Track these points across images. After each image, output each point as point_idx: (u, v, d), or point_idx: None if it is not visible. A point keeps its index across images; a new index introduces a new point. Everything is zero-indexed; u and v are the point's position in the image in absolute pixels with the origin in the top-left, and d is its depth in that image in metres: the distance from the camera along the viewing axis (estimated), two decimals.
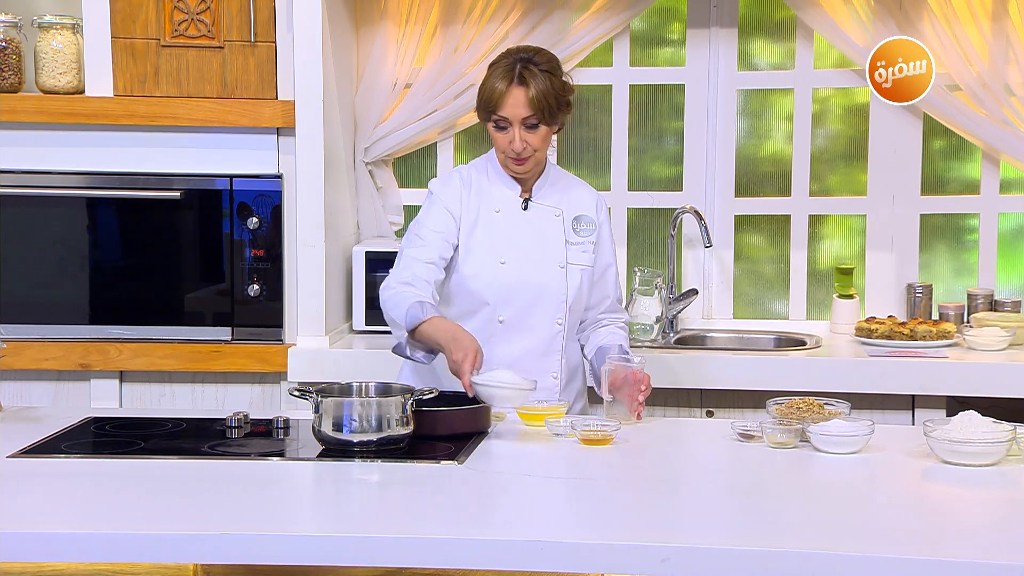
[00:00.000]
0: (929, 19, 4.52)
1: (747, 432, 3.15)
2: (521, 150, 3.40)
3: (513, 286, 3.45)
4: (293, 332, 4.33)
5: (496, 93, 3.37)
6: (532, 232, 3.49)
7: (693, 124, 4.75)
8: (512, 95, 3.36)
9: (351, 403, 3.01)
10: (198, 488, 2.76)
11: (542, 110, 3.37)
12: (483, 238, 3.46)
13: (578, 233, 3.52)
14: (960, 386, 4.10)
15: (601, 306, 3.59)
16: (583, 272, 3.51)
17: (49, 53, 4.33)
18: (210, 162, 4.34)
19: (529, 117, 3.37)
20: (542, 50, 3.46)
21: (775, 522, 2.58)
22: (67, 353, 4.33)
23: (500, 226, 3.47)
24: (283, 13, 4.27)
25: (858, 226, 4.78)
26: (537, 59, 3.40)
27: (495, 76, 3.39)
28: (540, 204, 3.51)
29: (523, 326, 3.47)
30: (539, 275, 3.47)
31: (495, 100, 3.37)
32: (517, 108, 3.37)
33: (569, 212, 3.53)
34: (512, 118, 3.37)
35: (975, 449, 2.90)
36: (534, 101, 3.35)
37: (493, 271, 3.45)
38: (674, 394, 4.16)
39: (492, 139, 3.45)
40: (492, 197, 3.49)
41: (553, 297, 3.47)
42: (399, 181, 4.77)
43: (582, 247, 3.51)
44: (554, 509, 2.72)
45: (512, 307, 3.45)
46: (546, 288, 3.47)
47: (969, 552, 2.38)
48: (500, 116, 3.38)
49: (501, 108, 3.37)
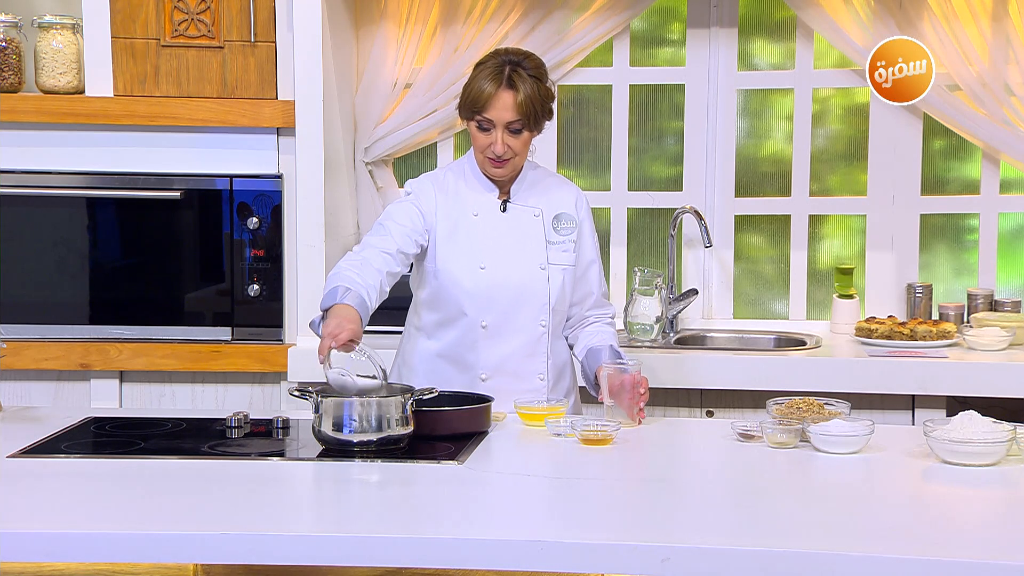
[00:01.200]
0: (929, 19, 4.52)
1: (747, 432, 3.15)
2: (502, 153, 3.37)
3: (494, 290, 3.42)
4: (293, 332, 4.33)
5: (484, 94, 3.34)
6: (511, 234, 3.47)
7: (693, 124, 4.75)
8: (500, 98, 3.34)
9: (351, 403, 3.01)
10: (198, 488, 2.76)
11: (528, 115, 3.35)
12: (462, 243, 3.44)
13: (558, 232, 3.49)
14: (960, 386, 4.10)
15: (586, 303, 3.57)
16: (565, 272, 3.48)
17: (49, 53, 4.33)
18: (210, 162, 4.34)
19: (514, 122, 3.35)
20: (531, 55, 3.43)
21: (775, 522, 2.58)
22: (67, 353, 4.33)
23: (479, 230, 3.45)
24: (283, 13, 4.27)
25: (858, 226, 4.78)
26: (526, 63, 3.38)
27: (483, 76, 3.36)
28: (518, 205, 3.49)
29: (507, 329, 3.45)
30: (520, 277, 3.45)
31: (482, 101, 3.35)
32: (504, 111, 3.34)
33: (549, 211, 3.50)
34: (497, 121, 3.35)
35: (975, 449, 2.90)
36: (521, 106, 3.33)
37: (472, 276, 3.42)
38: (674, 394, 4.16)
39: (472, 138, 3.42)
40: (469, 201, 3.47)
41: (535, 299, 3.44)
42: (399, 181, 4.77)
43: (562, 246, 3.48)
44: (554, 509, 2.72)
45: (494, 311, 3.43)
46: (527, 290, 3.44)
47: (969, 552, 2.38)
48: (485, 117, 3.36)
49: (487, 110, 3.35)
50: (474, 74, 3.40)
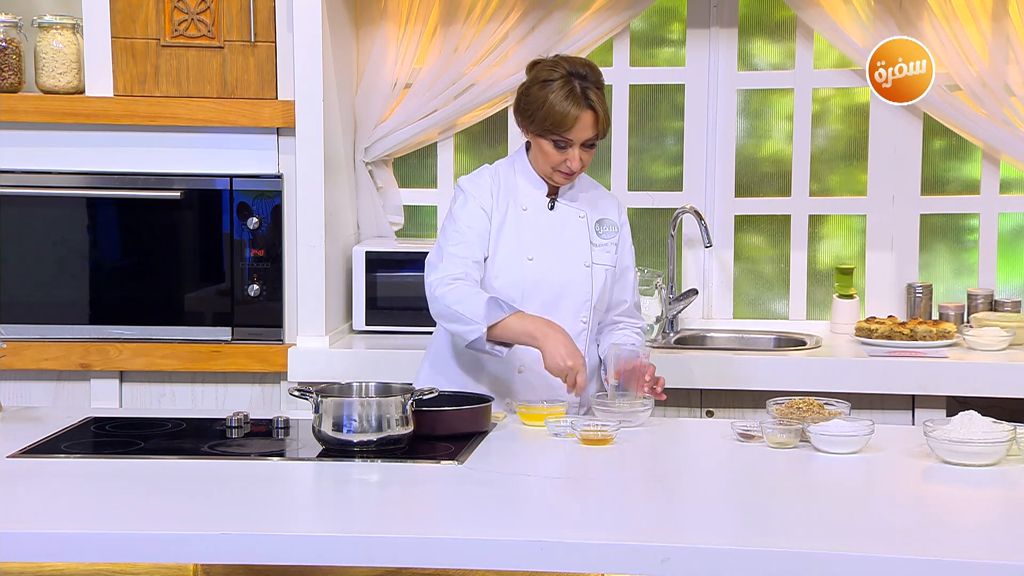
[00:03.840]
0: (929, 19, 4.52)
1: (747, 432, 3.15)
2: (579, 169, 3.41)
3: (539, 282, 3.44)
4: (293, 332, 4.33)
5: (569, 118, 3.32)
6: (558, 231, 3.49)
7: (693, 124, 4.75)
8: (583, 120, 3.34)
9: (351, 403, 3.01)
10: (198, 488, 2.76)
11: (604, 130, 3.39)
12: (511, 235, 3.46)
13: (601, 235, 3.52)
14: (960, 386, 4.10)
15: (618, 308, 3.58)
16: (607, 271, 3.51)
17: (49, 53, 4.33)
18: (210, 162, 4.34)
19: (592, 138, 3.38)
20: (591, 64, 3.42)
21: (775, 522, 2.58)
22: (67, 353, 4.33)
23: (527, 223, 3.48)
24: (283, 13, 4.27)
25: (858, 226, 4.78)
26: (591, 76, 3.37)
27: (561, 97, 3.33)
28: (566, 205, 3.52)
29: None
30: (565, 273, 3.47)
31: (567, 124, 3.33)
32: (585, 131, 3.35)
33: (593, 215, 3.53)
34: (577, 140, 3.37)
35: (975, 449, 2.90)
36: (602, 124, 3.37)
37: (520, 267, 3.45)
38: (674, 394, 4.15)
39: (543, 153, 3.40)
40: (520, 195, 3.50)
41: (578, 295, 3.47)
42: (399, 181, 4.77)
43: (605, 248, 3.52)
44: (554, 509, 2.72)
45: (537, 303, 3.43)
46: (571, 285, 3.47)
47: (969, 552, 2.38)
48: (565, 138, 3.36)
49: (569, 132, 3.35)
50: (548, 94, 3.35)
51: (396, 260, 4.49)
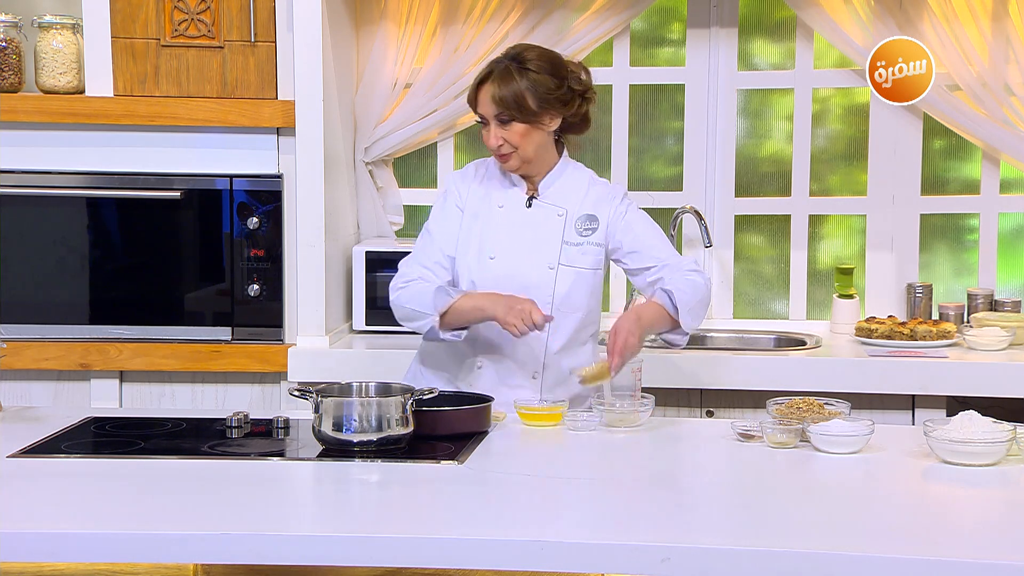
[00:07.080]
0: (929, 19, 4.52)
1: (747, 432, 3.15)
2: (496, 146, 3.40)
3: (500, 281, 3.42)
4: (293, 332, 4.33)
5: (470, 93, 3.44)
6: (529, 230, 3.47)
7: (693, 124, 4.75)
8: (481, 92, 3.40)
9: (351, 403, 3.01)
10: (198, 488, 2.76)
11: (507, 106, 3.36)
12: (479, 232, 3.47)
13: (581, 234, 3.47)
14: (960, 386, 4.10)
15: (649, 273, 3.48)
16: (578, 274, 3.45)
17: (49, 53, 4.33)
18: (210, 162, 4.34)
19: (500, 113, 3.38)
20: (531, 47, 3.45)
21: (775, 522, 2.58)
22: (67, 353, 4.32)
23: (498, 222, 3.47)
24: (283, 13, 4.27)
25: (858, 226, 4.79)
26: (523, 55, 3.40)
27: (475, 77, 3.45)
28: (544, 203, 3.49)
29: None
30: (527, 273, 3.44)
31: (470, 99, 3.44)
32: (485, 105, 3.40)
33: (575, 212, 3.48)
34: (486, 115, 3.40)
35: (975, 449, 2.90)
36: (496, 98, 3.36)
37: (480, 265, 3.45)
38: (674, 394, 4.15)
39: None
40: (498, 193, 3.50)
41: (538, 297, 3.39)
42: (399, 181, 4.77)
43: (581, 248, 3.46)
44: (554, 509, 2.72)
45: None
46: (532, 287, 3.41)
47: (969, 552, 2.38)
48: (479, 114, 3.43)
49: (476, 106, 3.43)
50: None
51: (396, 260, 4.39)
